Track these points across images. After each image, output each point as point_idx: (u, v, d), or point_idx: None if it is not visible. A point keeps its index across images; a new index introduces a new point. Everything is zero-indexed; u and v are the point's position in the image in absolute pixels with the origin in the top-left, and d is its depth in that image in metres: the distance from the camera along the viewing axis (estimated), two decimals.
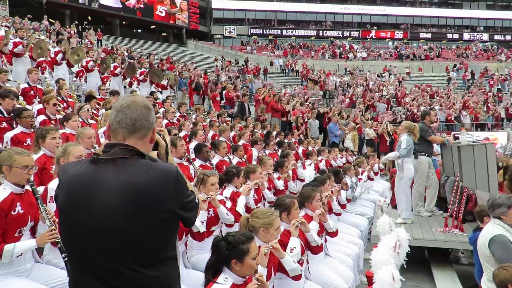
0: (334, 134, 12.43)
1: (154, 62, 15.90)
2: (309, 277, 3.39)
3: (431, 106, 19.60)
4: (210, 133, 7.94)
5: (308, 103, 16.08)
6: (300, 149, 9.06)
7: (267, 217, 2.82)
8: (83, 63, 10.00)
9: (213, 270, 2.26)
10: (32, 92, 6.85)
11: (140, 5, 33.61)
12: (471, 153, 5.51)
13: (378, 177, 9.12)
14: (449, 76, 31.20)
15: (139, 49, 26.44)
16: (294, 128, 12.57)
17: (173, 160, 1.76)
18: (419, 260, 5.35)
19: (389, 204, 6.96)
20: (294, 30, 42.31)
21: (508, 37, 43.34)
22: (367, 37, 42.42)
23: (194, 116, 9.86)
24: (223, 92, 13.75)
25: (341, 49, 37.54)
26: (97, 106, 7.39)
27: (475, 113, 19.73)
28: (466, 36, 43.49)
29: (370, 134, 13.07)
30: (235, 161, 5.99)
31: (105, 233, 1.42)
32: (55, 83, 8.10)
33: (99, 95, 8.58)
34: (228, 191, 4.20)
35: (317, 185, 4.35)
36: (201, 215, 3.25)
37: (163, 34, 39.00)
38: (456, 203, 5.45)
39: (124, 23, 35.96)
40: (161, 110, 8.82)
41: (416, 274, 5.00)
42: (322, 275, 3.51)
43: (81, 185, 1.47)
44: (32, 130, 4.39)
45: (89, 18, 29.39)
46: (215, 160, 5.71)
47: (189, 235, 3.29)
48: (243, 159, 6.26)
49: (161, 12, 35.15)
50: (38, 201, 2.65)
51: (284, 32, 42.00)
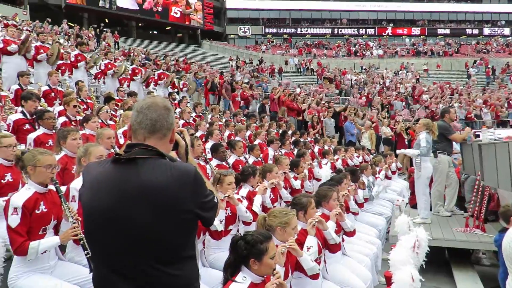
0: (350, 133, 12.31)
1: (170, 63, 16.02)
2: (326, 277, 3.37)
3: (451, 104, 19.18)
4: (226, 133, 7.99)
5: (323, 102, 15.96)
6: (316, 148, 9.01)
7: (284, 216, 2.82)
8: (102, 66, 10.20)
9: (231, 269, 2.28)
10: (53, 94, 6.99)
11: (158, 8, 33.94)
12: (493, 151, 5.38)
13: (396, 176, 9.01)
14: (469, 72, 30.46)
15: (155, 50, 26.77)
16: (309, 127, 12.50)
17: (193, 160, 1.77)
18: (439, 261, 5.26)
19: (407, 204, 6.86)
20: (308, 29, 42.10)
21: None
22: (383, 34, 41.82)
23: (209, 116, 9.93)
24: (239, 92, 13.80)
25: (357, 46, 37.09)
26: (116, 107, 7.52)
27: (496, 111, 19.18)
28: (487, 31, 42.40)
29: (387, 132, 12.89)
30: (251, 160, 6.00)
31: (127, 231, 1.46)
32: (74, 85, 8.29)
33: (117, 96, 8.73)
34: (244, 191, 4.21)
35: (334, 184, 4.34)
36: (220, 214, 3.28)
37: (178, 35, 39.38)
38: (477, 202, 5.34)
39: (140, 24, 36.46)
40: (178, 110, 8.92)
41: (435, 275, 4.92)
42: (340, 274, 3.49)
43: (103, 184, 1.51)
44: (54, 131, 4.47)
45: (106, 20, 29.94)
46: (231, 159, 5.72)
47: (207, 233, 3.33)
48: (259, 159, 6.27)
49: (176, 13, 35.47)
50: (62, 199, 2.74)
51: (299, 30, 41.85)
